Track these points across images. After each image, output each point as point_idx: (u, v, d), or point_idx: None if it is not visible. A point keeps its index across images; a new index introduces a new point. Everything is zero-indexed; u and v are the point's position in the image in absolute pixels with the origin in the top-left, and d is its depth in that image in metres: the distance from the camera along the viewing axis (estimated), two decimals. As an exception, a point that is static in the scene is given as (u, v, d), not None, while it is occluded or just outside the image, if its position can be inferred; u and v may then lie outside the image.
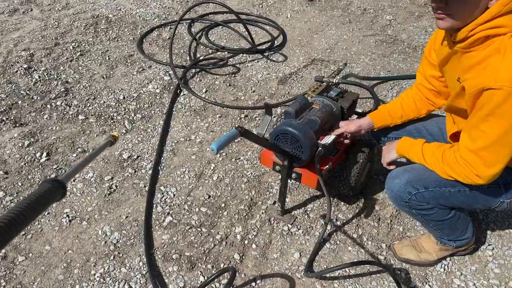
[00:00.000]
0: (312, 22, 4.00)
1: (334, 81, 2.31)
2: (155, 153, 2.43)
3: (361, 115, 2.48)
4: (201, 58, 3.38)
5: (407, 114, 1.87)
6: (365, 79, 3.14)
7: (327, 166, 1.89)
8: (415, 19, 4.07)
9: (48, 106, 2.76)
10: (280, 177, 2.25)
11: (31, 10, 3.92)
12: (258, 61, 3.43)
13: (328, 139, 1.87)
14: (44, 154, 2.39)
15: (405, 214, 2.11)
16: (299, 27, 3.93)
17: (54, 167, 2.32)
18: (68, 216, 2.05)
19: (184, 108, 2.85)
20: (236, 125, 1.39)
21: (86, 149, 2.46)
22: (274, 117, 2.76)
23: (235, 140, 2.42)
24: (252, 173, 2.34)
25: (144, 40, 3.57)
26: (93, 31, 3.61)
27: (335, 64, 3.40)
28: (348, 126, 1.92)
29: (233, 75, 3.22)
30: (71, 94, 2.89)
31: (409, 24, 3.98)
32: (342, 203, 2.15)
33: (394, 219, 2.09)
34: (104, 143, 1.11)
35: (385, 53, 3.54)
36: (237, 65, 3.34)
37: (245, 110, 2.86)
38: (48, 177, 2.26)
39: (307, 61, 3.44)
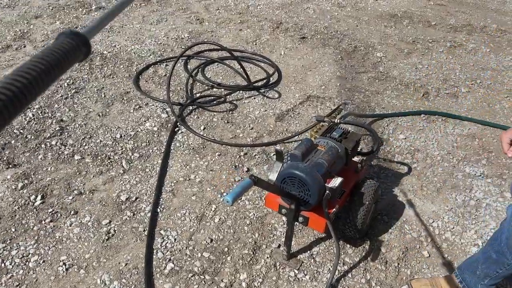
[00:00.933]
0: (305, 59, 4.07)
1: (336, 121, 2.33)
2: (154, 194, 2.37)
3: (365, 154, 2.49)
4: (199, 95, 3.38)
5: None
6: (362, 117, 3.18)
7: (334, 209, 1.87)
8: (404, 56, 4.18)
9: (43, 145, 2.69)
10: (284, 219, 2.21)
11: (24, 46, 3.90)
12: (254, 98, 3.44)
13: (335, 182, 1.85)
14: (39, 197, 2.30)
15: (412, 256, 2.08)
16: (293, 64, 3.99)
17: (49, 210, 2.23)
18: (64, 264, 1.96)
19: (183, 146, 2.81)
20: (250, 174, 1.36)
21: (82, 191, 2.38)
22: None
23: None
24: (254, 214, 2.29)
25: (140, 77, 3.56)
26: (88, 68, 3.59)
27: (330, 100, 3.43)
28: None
29: (230, 112, 3.22)
30: (66, 133, 2.83)
31: (399, 61, 4.09)
32: (348, 245, 2.11)
33: (401, 261, 2.05)
34: None
35: (378, 90, 3.60)
36: (234, 102, 3.35)
37: (245, 148, 2.84)
38: (43, 221, 2.17)
39: (302, 98, 3.47)
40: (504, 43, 4.56)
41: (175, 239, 2.12)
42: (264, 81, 3.64)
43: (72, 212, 2.24)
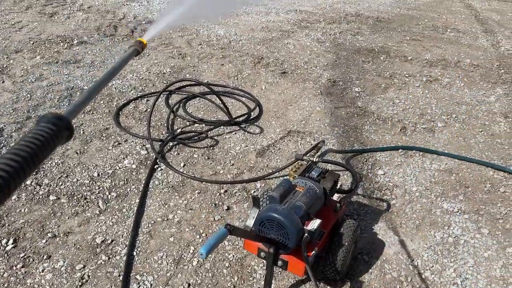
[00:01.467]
0: (286, 93, 4.14)
1: (314, 160, 2.35)
2: (130, 236, 2.31)
3: (344, 193, 2.50)
4: (180, 131, 3.37)
5: None
6: (341, 153, 3.21)
7: (313, 252, 1.86)
8: (382, 91, 4.29)
9: (17, 185, 2.62)
10: (264, 261, 2.18)
11: (3, 82, 3.86)
12: (235, 133, 3.46)
13: (313, 225, 1.85)
14: (11, 241, 2.22)
15: (392, 297, 2.06)
16: (273, 98, 4.04)
17: (21, 255, 2.15)
18: (34, 314, 1.87)
19: (162, 184, 2.78)
20: (225, 224, 1.35)
21: (56, 234, 2.31)
22: (257, 195, 2.74)
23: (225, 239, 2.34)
24: (233, 256, 2.25)
25: (120, 113, 3.55)
26: (67, 104, 3.56)
27: (310, 135, 3.47)
28: None
29: (211, 148, 3.21)
30: (42, 172, 2.77)
31: (377, 95, 4.19)
32: (329, 287, 2.09)
33: (382, 303, 2.03)
34: (130, 53, 0.81)
35: (357, 124, 3.66)
36: (215, 137, 3.35)
37: (225, 185, 2.82)
38: (14, 267, 2.09)
39: (283, 133, 3.50)
40: (477, 78, 4.73)
41: (151, 285, 2.06)
42: (246, 116, 3.67)
43: (45, 257, 2.16)
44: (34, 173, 2.75)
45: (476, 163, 3.14)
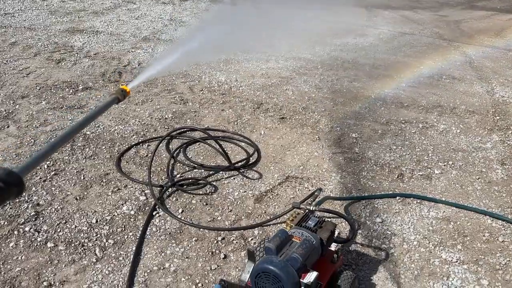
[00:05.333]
0: (284, 139, 4.21)
1: (311, 209, 2.37)
2: (126, 287, 2.29)
3: (341, 242, 2.50)
4: (180, 177, 3.41)
5: None
6: (338, 200, 3.23)
7: (310, 306, 1.84)
8: (378, 137, 4.36)
9: (16, 232, 2.63)
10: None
11: (8, 126, 3.95)
12: (234, 178, 3.49)
13: (310, 277, 1.84)
14: (5, 291, 2.21)
15: None
16: (272, 143, 4.11)
17: (14, 306, 2.13)
18: None
19: (159, 232, 2.78)
20: (220, 279, 1.36)
21: (52, 283, 2.30)
22: (254, 243, 2.74)
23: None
24: (230, 307, 2.22)
25: (121, 158, 3.60)
26: (69, 149, 3.63)
27: (308, 181, 3.50)
28: None
29: (210, 193, 3.24)
30: (41, 218, 2.78)
31: (374, 142, 4.25)
32: None
33: None
34: (109, 101, 0.77)
35: (355, 170, 3.70)
36: (214, 182, 3.38)
37: (222, 232, 2.82)
38: (6, 319, 2.06)
39: (281, 178, 3.53)
40: (473, 124, 4.82)
41: (145, 337, 2.02)
42: (244, 161, 3.72)
43: (38, 307, 2.14)
44: (33, 219, 2.76)
45: (474, 211, 3.15)
